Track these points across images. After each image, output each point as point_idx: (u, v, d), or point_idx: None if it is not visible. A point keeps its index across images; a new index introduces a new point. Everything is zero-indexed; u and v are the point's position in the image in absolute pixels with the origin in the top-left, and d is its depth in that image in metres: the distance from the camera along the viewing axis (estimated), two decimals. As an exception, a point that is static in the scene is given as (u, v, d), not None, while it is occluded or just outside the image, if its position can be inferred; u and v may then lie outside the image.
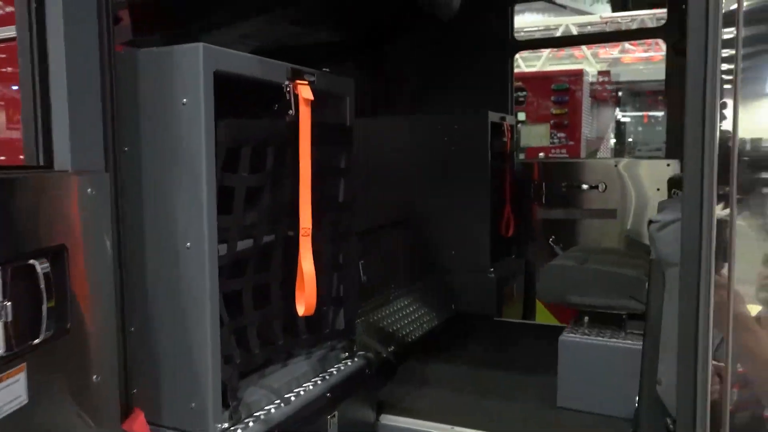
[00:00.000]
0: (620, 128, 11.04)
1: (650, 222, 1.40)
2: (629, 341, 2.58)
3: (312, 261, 2.10)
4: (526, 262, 4.84)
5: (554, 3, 10.51)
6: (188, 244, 1.77)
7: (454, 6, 3.46)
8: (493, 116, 4.22)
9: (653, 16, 9.79)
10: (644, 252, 3.71)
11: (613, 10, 11.87)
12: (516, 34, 4.86)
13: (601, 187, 4.61)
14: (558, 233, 4.80)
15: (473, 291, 4.21)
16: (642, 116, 11.33)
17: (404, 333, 3.63)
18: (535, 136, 5.32)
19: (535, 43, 8.39)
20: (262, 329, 2.15)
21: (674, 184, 3.68)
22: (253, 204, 2.02)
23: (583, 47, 10.51)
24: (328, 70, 2.29)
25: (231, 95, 1.88)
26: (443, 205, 4.19)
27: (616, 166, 4.60)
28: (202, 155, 1.75)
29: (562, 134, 8.38)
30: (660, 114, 11.51)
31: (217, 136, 1.79)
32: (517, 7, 4.85)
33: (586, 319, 2.81)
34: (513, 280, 4.60)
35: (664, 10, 10.60)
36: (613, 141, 10.10)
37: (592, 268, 2.83)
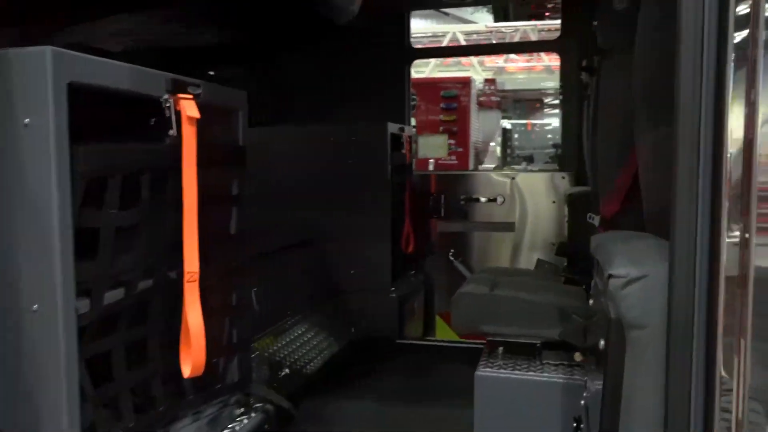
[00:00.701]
0: (506, 135, 11.32)
1: (610, 276, 1.21)
2: (547, 374, 2.45)
3: (200, 311, 1.75)
4: (425, 277, 4.69)
5: (441, 11, 10.58)
6: (35, 306, 1.37)
7: (351, 10, 3.20)
8: (393, 127, 4.01)
9: (534, 27, 10.11)
10: (552, 272, 3.66)
11: (495, 20, 12.20)
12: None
13: (500, 200, 4.56)
14: (457, 247, 4.71)
15: (374, 312, 3.97)
16: (525, 124, 11.71)
17: (302, 364, 3.32)
18: (433, 147, 5.20)
19: (432, 52, 8.36)
20: (139, 394, 1.77)
21: (576, 200, 3.65)
22: (125, 246, 1.64)
23: (470, 55, 10.66)
24: (212, 73, 1.95)
25: (93, 112, 1.50)
26: (341, 222, 3.92)
27: (513, 179, 4.57)
28: (52, 189, 1.36)
29: (451, 141, 8.43)
30: (541, 122, 11.98)
31: (74, 165, 1.41)
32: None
33: (501, 349, 2.65)
34: (413, 298, 4.42)
35: (545, 22, 10.95)
36: (492, 145, 10.29)
37: (505, 295, 2.68)
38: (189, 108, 1.67)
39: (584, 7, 4.10)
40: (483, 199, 4.61)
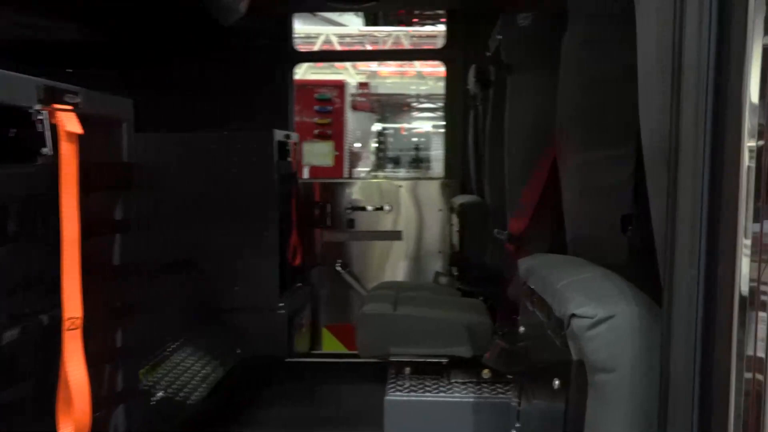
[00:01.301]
0: (380, 139, 11.39)
1: (573, 316, 1.14)
2: (457, 393, 2.40)
3: (83, 363, 1.47)
4: (311, 288, 4.52)
5: (316, 15, 10.39)
6: None
7: (239, 9, 2.97)
8: (279, 134, 3.80)
9: (407, 33, 10.26)
10: (449, 285, 3.65)
11: (366, 24, 12.26)
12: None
13: (386, 208, 4.50)
14: (344, 257, 4.58)
15: (261, 330, 3.73)
16: (399, 128, 11.85)
17: (185, 395, 3.03)
18: (318, 154, 5.03)
19: (317, 56, 8.16)
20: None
21: (467, 210, 3.66)
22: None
23: (342, 57, 10.56)
24: (71, 70, 1.66)
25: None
26: (224, 235, 3.64)
27: (400, 187, 4.53)
28: None
29: (327, 144, 8.30)
30: (410, 126, 12.18)
31: None
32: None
33: (408, 370, 2.56)
34: (302, 312, 4.23)
35: (415, 29, 11.11)
36: (357, 146, 10.28)
37: (411, 315, 2.60)
38: (68, 121, 1.38)
39: (468, 18, 4.15)
40: (370, 208, 4.52)
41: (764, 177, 0.78)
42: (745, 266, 0.80)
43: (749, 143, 0.78)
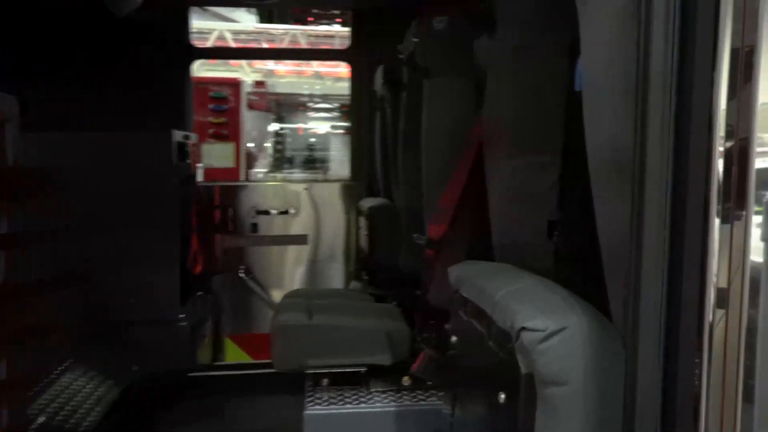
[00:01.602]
0: (277, 139, 11.13)
1: (523, 329, 1.10)
2: (378, 403, 2.34)
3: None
4: (214, 297, 4.31)
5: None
6: None
7: (133, 1, 2.74)
8: (178, 135, 3.56)
9: (304, 32, 10.10)
10: (362, 290, 3.58)
11: (260, 21, 11.94)
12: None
13: (291, 211, 4.37)
14: (248, 263, 4.40)
15: (161, 344, 3.49)
16: (297, 128, 11.63)
17: (75, 422, 2.76)
18: (219, 156, 4.78)
19: (216, 52, 7.80)
20: None
21: (376, 214, 3.62)
22: None
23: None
24: None
25: None
26: (119, 244, 3.35)
27: (306, 189, 4.42)
28: None
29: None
30: (309, 126, 12.01)
31: None
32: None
33: (326, 381, 2.47)
34: (204, 322, 4.01)
35: (311, 28, 10.97)
36: (250, 146, 9.99)
37: (328, 324, 2.51)
38: (-59, 122, 1.18)
39: (375, 19, 4.11)
40: (274, 211, 4.37)
41: (734, 182, 0.78)
42: (712, 271, 0.80)
43: (719, 148, 0.78)
